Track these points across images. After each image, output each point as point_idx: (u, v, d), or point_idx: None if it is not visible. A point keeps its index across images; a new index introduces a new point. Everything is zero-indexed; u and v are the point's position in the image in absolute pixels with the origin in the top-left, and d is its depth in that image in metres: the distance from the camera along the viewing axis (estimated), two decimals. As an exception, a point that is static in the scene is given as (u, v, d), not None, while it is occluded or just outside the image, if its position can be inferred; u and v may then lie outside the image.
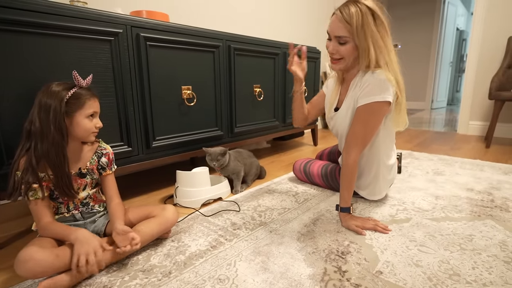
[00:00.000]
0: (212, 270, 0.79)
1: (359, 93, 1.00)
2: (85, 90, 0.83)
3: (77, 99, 0.80)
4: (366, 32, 0.93)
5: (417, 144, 2.42)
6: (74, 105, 0.80)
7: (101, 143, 0.94)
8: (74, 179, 0.86)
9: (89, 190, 0.91)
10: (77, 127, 0.82)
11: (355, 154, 1.00)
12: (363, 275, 0.76)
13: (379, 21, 0.94)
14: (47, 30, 0.93)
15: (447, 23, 5.18)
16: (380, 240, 0.93)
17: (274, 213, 1.14)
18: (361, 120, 0.99)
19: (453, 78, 6.21)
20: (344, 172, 1.01)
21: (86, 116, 0.83)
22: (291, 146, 2.42)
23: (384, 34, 0.95)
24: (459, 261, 0.81)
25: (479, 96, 2.72)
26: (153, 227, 0.89)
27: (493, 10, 2.56)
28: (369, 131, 1.00)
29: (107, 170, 0.93)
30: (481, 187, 1.37)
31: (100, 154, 0.92)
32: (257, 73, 1.74)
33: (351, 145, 1.00)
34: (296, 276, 0.76)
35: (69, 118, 0.80)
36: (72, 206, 0.88)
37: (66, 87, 0.80)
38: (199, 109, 1.44)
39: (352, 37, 0.95)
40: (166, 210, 0.94)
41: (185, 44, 1.32)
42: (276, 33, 2.59)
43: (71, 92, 0.79)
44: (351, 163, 1.00)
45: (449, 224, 1.03)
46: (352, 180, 1.01)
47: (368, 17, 0.92)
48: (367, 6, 0.93)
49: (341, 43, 0.98)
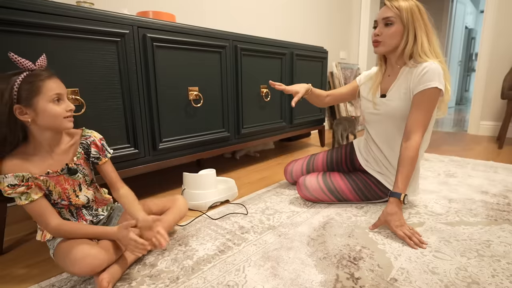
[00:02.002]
0: (220, 276, 0.77)
1: (415, 80, 1.01)
2: (40, 71, 0.71)
3: (29, 84, 0.68)
4: (413, 18, 1.01)
5: (426, 145, 2.37)
6: (30, 91, 0.68)
7: (84, 131, 0.84)
8: (66, 180, 0.78)
9: (86, 192, 0.84)
10: (43, 116, 0.70)
11: (419, 138, 0.99)
12: (377, 282, 0.73)
13: (425, 16, 1.03)
14: (53, 31, 0.92)
15: (455, 22, 5.10)
16: (393, 246, 0.90)
17: (282, 216, 1.11)
18: (421, 106, 1.00)
19: (461, 78, 6.11)
20: (408, 155, 0.97)
21: (49, 100, 0.71)
22: (298, 147, 2.39)
23: (430, 27, 1.03)
24: (478, 268, 0.78)
25: (491, 96, 2.66)
26: (170, 220, 0.94)
27: (504, 8, 2.51)
28: (428, 117, 1.01)
29: (102, 159, 0.85)
30: (496, 190, 1.33)
31: (86, 145, 0.82)
32: (264, 73, 1.72)
33: (413, 131, 0.99)
34: (307, 283, 0.74)
35: (29, 108, 0.69)
36: (74, 210, 0.83)
37: (16, 72, 0.69)
38: (206, 110, 1.42)
39: (400, 19, 1.01)
40: (178, 201, 0.99)
41: (192, 45, 1.31)
42: (283, 33, 2.57)
43: (19, 78, 0.68)
44: (415, 146, 0.98)
45: (465, 228, 0.99)
46: (414, 163, 0.98)
47: (415, 8, 1.01)
48: (414, 1, 1.03)
49: (387, 24, 1.03)
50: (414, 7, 1.01)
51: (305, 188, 1.21)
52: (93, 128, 1.03)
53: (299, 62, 1.97)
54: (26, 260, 0.88)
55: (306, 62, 2.03)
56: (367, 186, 1.18)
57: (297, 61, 1.95)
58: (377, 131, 1.18)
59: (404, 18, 1.01)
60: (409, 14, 1.00)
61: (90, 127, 1.05)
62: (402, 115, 1.07)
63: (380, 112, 1.14)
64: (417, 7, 1.02)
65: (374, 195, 1.18)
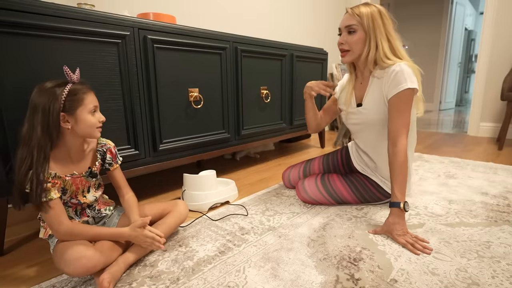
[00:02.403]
0: (221, 277, 0.77)
1: (387, 85, 1.01)
2: (80, 85, 0.79)
3: (74, 95, 0.76)
4: (374, 25, 1.01)
5: (426, 146, 2.37)
6: (74, 102, 0.76)
7: (100, 139, 0.91)
8: (80, 181, 0.84)
9: (94, 193, 0.89)
10: (82, 125, 0.78)
11: (405, 141, 0.98)
12: (377, 283, 0.74)
13: (386, 20, 1.03)
14: (54, 33, 0.92)
15: (455, 23, 5.11)
16: (393, 247, 0.90)
17: (282, 218, 1.11)
18: (399, 109, 0.99)
19: (461, 79, 6.11)
20: (399, 162, 0.96)
21: (88, 111, 0.79)
22: (298, 149, 2.40)
23: (391, 31, 1.03)
24: (478, 270, 0.78)
25: (490, 97, 2.66)
26: (171, 223, 0.95)
27: (503, 9, 2.51)
28: (408, 117, 1.00)
29: (114, 165, 0.92)
30: (496, 191, 1.33)
31: (102, 152, 0.90)
32: (264, 75, 1.72)
33: (397, 135, 0.98)
34: (307, 284, 0.74)
35: (72, 117, 0.77)
36: (79, 209, 0.86)
37: (59, 83, 0.76)
38: (206, 112, 1.43)
39: (362, 26, 1.01)
40: (179, 205, 1.00)
41: (192, 46, 1.31)
42: (283, 35, 2.57)
43: (67, 89, 0.75)
44: (404, 150, 0.97)
45: (465, 229, 0.99)
46: (406, 168, 0.97)
47: (376, 14, 1.01)
48: (376, 6, 1.03)
49: (350, 32, 1.04)
50: (375, 13, 1.01)
51: (304, 191, 1.22)
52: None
53: (299, 63, 1.97)
54: (26, 261, 0.88)
55: (306, 63, 2.04)
56: (366, 188, 1.18)
57: (297, 62, 1.95)
58: (361, 139, 1.19)
59: (365, 25, 1.01)
60: (369, 20, 1.00)
61: (90, 128, 1.05)
62: (382, 121, 1.07)
63: (360, 121, 1.14)
64: (379, 13, 1.01)
65: (373, 197, 1.18)
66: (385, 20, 1.02)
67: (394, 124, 0.99)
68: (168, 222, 0.95)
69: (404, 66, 0.98)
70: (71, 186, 0.82)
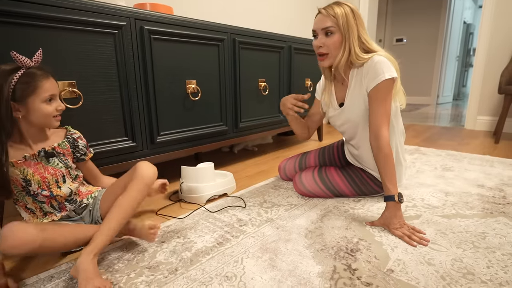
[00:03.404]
0: (219, 267, 0.78)
1: (366, 78, 1.00)
2: (36, 70, 0.73)
3: (27, 83, 0.70)
4: (349, 25, 0.99)
5: (423, 139, 2.38)
6: (25, 90, 0.70)
7: (69, 129, 0.88)
8: (45, 169, 0.79)
9: (70, 184, 0.84)
10: (35, 114, 0.73)
11: (387, 132, 0.98)
12: (373, 273, 0.74)
13: (359, 19, 1.01)
14: (48, 23, 0.91)
15: (454, 17, 5.09)
16: (390, 238, 0.90)
17: (280, 210, 1.12)
18: (378, 100, 0.99)
19: (459, 73, 6.12)
20: (384, 154, 0.95)
21: (42, 100, 0.74)
22: (296, 142, 2.40)
23: (362, 30, 1.02)
24: (473, 260, 0.79)
25: (488, 91, 2.66)
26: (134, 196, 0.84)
27: (502, 3, 2.50)
28: (388, 107, 0.99)
29: (88, 154, 0.91)
30: (492, 184, 1.34)
31: (72, 139, 0.86)
32: (262, 67, 1.71)
33: (378, 126, 0.97)
34: (305, 274, 0.74)
35: (23, 106, 0.72)
36: (56, 204, 0.82)
37: (14, 68, 0.70)
38: (204, 104, 1.42)
39: (338, 28, 0.99)
40: (138, 169, 0.87)
41: (190, 37, 1.30)
42: (281, 27, 2.55)
43: (17, 76, 0.70)
44: (386, 141, 0.96)
45: (461, 221, 1.00)
46: (392, 159, 0.96)
47: (350, 14, 1.00)
48: (347, 5, 1.02)
49: (328, 35, 1.01)
50: (349, 14, 0.99)
51: (301, 184, 1.22)
52: (90, 121, 1.04)
53: (297, 56, 1.96)
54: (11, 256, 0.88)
55: (304, 56, 2.03)
56: (363, 180, 1.19)
57: (295, 54, 1.94)
58: (349, 136, 1.20)
59: (341, 27, 0.98)
60: (345, 21, 0.98)
61: (87, 120, 1.05)
62: (366, 118, 1.07)
63: (344, 121, 1.15)
64: (352, 13, 0.99)
65: (370, 189, 1.19)
66: (358, 19, 1.00)
67: (374, 115, 0.99)
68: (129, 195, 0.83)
69: (380, 58, 0.98)
70: (33, 175, 0.77)
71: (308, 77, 2.12)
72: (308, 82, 2.10)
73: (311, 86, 2.13)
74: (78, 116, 1.00)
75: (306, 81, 2.10)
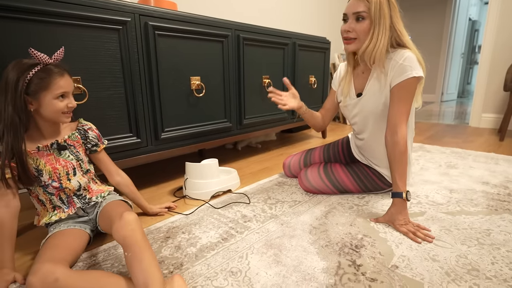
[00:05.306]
0: (224, 263, 0.78)
1: (393, 72, 0.98)
2: (54, 67, 0.75)
3: (42, 78, 0.73)
4: (381, 13, 0.95)
5: (428, 137, 2.37)
6: (38, 85, 0.73)
7: (81, 121, 0.89)
8: (57, 160, 0.81)
9: (80, 178, 0.85)
10: (46, 109, 0.75)
11: (405, 129, 0.97)
12: (378, 269, 0.74)
13: (394, 9, 0.98)
14: (52, 18, 0.91)
15: (459, 13, 5.04)
16: (394, 234, 0.90)
17: (284, 206, 1.12)
18: (401, 97, 0.98)
19: (464, 70, 6.06)
20: (399, 151, 0.95)
21: (54, 97, 0.75)
22: (299, 139, 2.40)
23: (397, 21, 0.99)
24: (478, 256, 0.79)
25: (493, 88, 2.64)
26: None
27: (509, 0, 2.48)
28: (409, 106, 0.98)
29: (100, 145, 0.90)
30: (497, 181, 1.34)
31: (83, 131, 0.87)
32: (266, 63, 1.71)
33: (397, 123, 0.97)
34: (309, 269, 0.75)
35: (35, 100, 0.74)
36: (65, 197, 0.83)
37: (34, 63, 0.73)
38: (208, 100, 1.42)
39: (370, 14, 0.96)
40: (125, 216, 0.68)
41: (194, 34, 1.30)
42: (285, 23, 2.54)
43: (33, 71, 0.72)
44: (404, 139, 0.96)
45: (465, 218, 1.00)
46: (406, 157, 0.96)
47: (384, 2, 0.96)
48: None
49: (358, 20, 0.98)
50: (383, 1, 0.95)
51: (306, 180, 1.22)
52: (95, 117, 1.04)
53: (302, 52, 1.96)
54: (29, 247, 0.89)
55: (308, 52, 2.02)
56: (368, 177, 1.18)
57: (300, 51, 1.93)
58: (360, 129, 1.18)
59: (372, 13, 0.95)
60: (377, 9, 0.95)
61: (92, 116, 1.05)
62: (383, 110, 1.06)
63: (359, 112, 1.13)
64: (387, 1, 0.96)
65: (375, 186, 1.19)
66: (392, 8, 0.97)
67: (394, 111, 0.98)
68: None
69: (411, 54, 0.96)
70: (45, 165, 0.79)
71: (312, 74, 2.11)
72: (312, 79, 2.10)
73: (315, 82, 2.12)
74: (83, 112, 1.00)
75: (310, 78, 2.09)
